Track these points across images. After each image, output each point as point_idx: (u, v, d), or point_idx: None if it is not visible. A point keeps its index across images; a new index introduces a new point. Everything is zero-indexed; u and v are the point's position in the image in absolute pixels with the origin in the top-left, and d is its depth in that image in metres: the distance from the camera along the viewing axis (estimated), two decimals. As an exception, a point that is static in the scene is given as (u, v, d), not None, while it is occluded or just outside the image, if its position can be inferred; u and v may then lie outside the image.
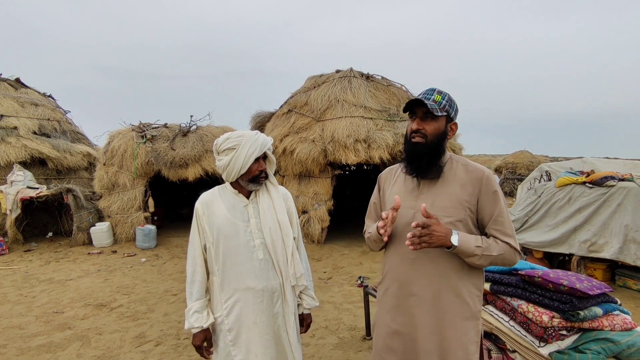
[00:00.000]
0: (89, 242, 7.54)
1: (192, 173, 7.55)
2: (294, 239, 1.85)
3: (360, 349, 3.39)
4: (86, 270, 6.02)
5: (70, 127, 9.64)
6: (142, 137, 7.71)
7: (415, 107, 1.54)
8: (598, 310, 1.88)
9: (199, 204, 1.81)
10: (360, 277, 5.41)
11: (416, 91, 8.25)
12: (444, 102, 1.52)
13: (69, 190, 7.45)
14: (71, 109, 10.14)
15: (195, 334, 1.76)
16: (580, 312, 1.82)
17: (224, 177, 1.80)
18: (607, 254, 4.55)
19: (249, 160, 1.72)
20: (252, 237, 1.77)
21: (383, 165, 7.05)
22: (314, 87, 7.99)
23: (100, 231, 7.42)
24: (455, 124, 1.60)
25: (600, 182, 4.78)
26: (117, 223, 7.63)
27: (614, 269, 4.82)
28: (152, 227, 7.34)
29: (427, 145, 1.52)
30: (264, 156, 1.81)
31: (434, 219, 1.43)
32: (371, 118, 7.13)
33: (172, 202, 10.17)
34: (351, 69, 8.16)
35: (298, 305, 1.90)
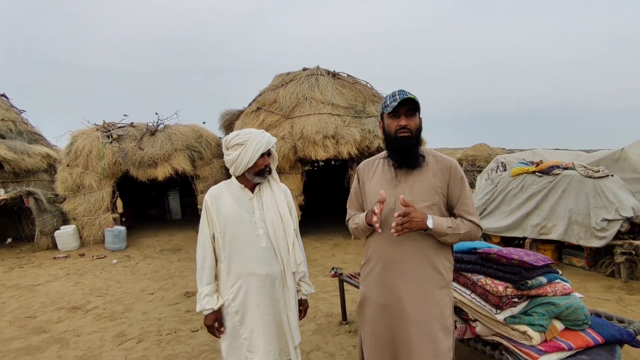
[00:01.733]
0: (54, 246, 7.30)
1: (161, 172, 7.48)
2: (294, 230, 2.04)
3: (338, 333, 3.62)
4: (54, 275, 5.87)
5: (26, 127, 9.20)
6: (108, 136, 7.53)
7: (399, 106, 1.74)
8: (543, 279, 2.19)
9: (208, 197, 1.98)
10: (333, 268, 5.65)
11: (381, 88, 8.60)
12: (416, 99, 1.74)
13: (29, 194, 7.17)
14: (25, 109, 9.66)
15: (207, 315, 1.94)
16: (528, 281, 2.12)
17: (231, 170, 1.98)
18: (554, 235, 5.05)
19: (255, 155, 1.90)
20: (256, 227, 1.95)
21: (351, 160, 7.33)
22: (282, 85, 8.11)
23: (66, 234, 7.20)
24: (421, 119, 1.83)
25: (547, 171, 5.28)
26: (83, 225, 7.43)
27: (561, 249, 5.35)
28: (122, 228, 7.22)
29: (413, 138, 1.75)
30: (268, 153, 1.99)
31: (411, 207, 1.65)
32: (339, 115, 7.36)
33: (140, 202, 9.97)
34: (318, 67, 8.35)
35: (297, 291, 2.09)
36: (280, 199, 2.02)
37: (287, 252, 1.98)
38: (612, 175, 5.02)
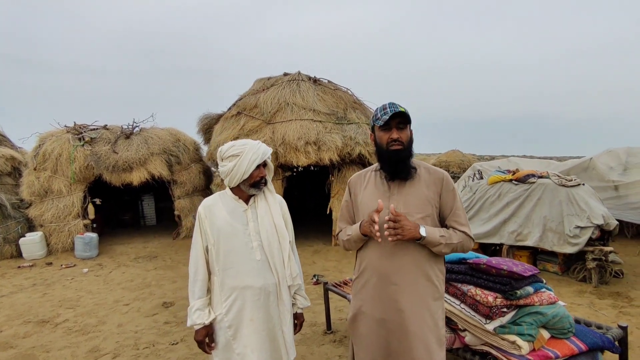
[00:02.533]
0: (18, 254, 6.90)
1: (137, 177, 7.22)
2: (289, 242, 2.00)
3: (322, 343, 3.58)
4: (19, 286, 5.53)
5: (-12, 128, 8.69)
6: (80, 139, 7.21)
7: (390, 120, 1.75)
8: (530, 289, 2.24)
9: (201, 208, 1.94)
10: (315, 275, 5.63)
11: (361, 95, 8.65)
12: (407, 112, 1.76)
13: (-8, 199, 6.75)
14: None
15: (198, 330, 1.88)
16: (517, 291, 2.16)
17: (226, 182, 1.94)
18: (530, 242, 5.21)
19: (251, 167, 1.86)
20: (250, 239, 1.91)
21: (332, 166, 7.33)
22: (263, 90, 8.03)
23: (32, 242, 6.82)
24: (412, 131, 1.85)
25: (523, 180, 5.46)
26: (51, 232, 7.06)
27: (536, 255, 5.53)
28: (94, 235, 6.91)
29: (405, 150, 1.76)
30: (264, 164, 1.96)
31: (402, 216, 1.67)
32: (320, 121, 7.35)
33: (112, 207, 9.59)
34: (299, 73, 8.33)
35: (292, 304, 2.04)
36: (275, 211, 1.98)
37: (282, 265, 1.95)
38: (584, 184, 5.25)
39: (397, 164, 1.76)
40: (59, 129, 7.63)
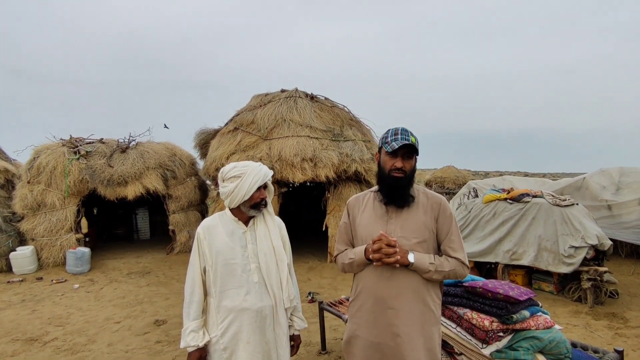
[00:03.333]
0: (8, 269, 6.78)
1: (132, 191, 7.18)
2: (287, 264, 2.01)
3: (317, 364, 3.53)
4: (8, 302, 5.41)
5: (-18, 139, 8.64)
6: (75, 152, 7.18)
7: (399, 149, 1.76)
8: (526, 312, 2.24)
9: (200, 229, 1.94)
10: (310, 293, 5.57)
11: (358, 112, 8.74)
12: (417, 142, 1.79)
13: (-17, 212, 6.66)
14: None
15: (191, 353, 1.87)
16: (513, 315, 2.16)
17: (226, 203, 1.95)
18: (525, 261, 5.22)
19: (252, 188, 1.89)
20: (248, 261, 1.92)
21: (328, 183, 7.35)
22: (260, 106, 8.09)
23: (22, 256, 6.71)
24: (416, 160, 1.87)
25: (518, 199, 5.50)
26: (42, 247, 6.95)
27: (531, 274, 5.52)
28: (86, 250, 6.82)
29: (406, 178, 1.78)
30: (265, 185, 1.98)
31: (394, 242, 1.69)
32: (317, 138, 7.40)
33: (105, 221, 9.50)
34: (296, 89, 8.41)
35: (289, 326, 2.03)
36: (274, 233, 2.00)
37: (279, 287, 1.95)
38: (577, 204, 5.29)
39: (395, 190, 1.78)
40: (54, 142, 7.60)
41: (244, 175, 1.89)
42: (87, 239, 7.57)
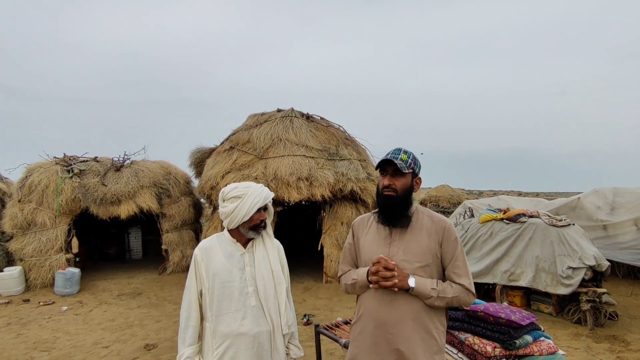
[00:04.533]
0: (-6, 290, 6.57)
1: (125, 210, 7.07)
2: (285, 288, 1.96)
3: (313, 391, 3.40)
4: (-8, 325, 5.22)
5: (-26, 157, 8.54)
6: (69, 171, 7.10)
7: (386, 165, 1.77)
8: (529, 337, 2.18)
9: (197, 251, 1.90)
10: (305, 315, 5.44)
11: (353, 131, 8.80)
12: (409, 160, 1.77)
13: (-29, 231, 6.51)
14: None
15: None
16: (516, 341, 2.10)
17: (225, 223, 1.91)
18: (523, 282, 5.16)
19: (252, 210, 1.86)
20: (246, 284, 1.87)
21: (324, 202, 7.31)
22: (256, 125, 8.11)
23: (10, 277, 6.52)
24: (420, 179, 1.86)
25: (514, 219, 5.49)
26: (31, 267, 6.77)
27: (529, 295, 5.46)
28: (76, 271, 6.65)
29: (397, 197, 1.75)
30: (265, 207, 1.95)
31: (394, 265, 1.67)
32: (312, 157, 7.40)
33: (97, 241, 9.33)
34: (292, 109, 8.47)
35: (286, 354, 1.96)
36: (273, 256, 1.95)
37: (276, 312, 1.89)
38: (574, 224, 5.29)
39: (385, 210, 1.77)
40: (47, 160, 7.52)
41: (245, 196, 1.87)
42: (77, 259, 7.39)
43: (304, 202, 9.30)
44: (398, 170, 1.74)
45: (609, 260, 5.06)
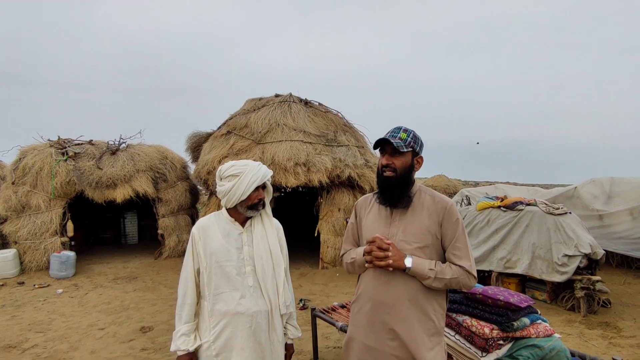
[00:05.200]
0: (-11, 272, 6.53)
1: (120, 194, 7.01)
2: (284, 269, 1.93)
3: (309, 373, 3.42)
4: (-13, 307, 5.20)
5: (-34, 139, 8.41)
6: (63, 154, 7.00)
7: (385, 144, 1.73)
8: (526, 320, 2.18)
9: (195, 229, 1.88)
10: (301, 300, 5.46)
11: (351, 118, 8.73)
12: (409, 139, 1.72)
13: (-36, 213, 6.44)
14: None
15: (181, 357, 1.80)
16: (514, 323, 2.10)
17: (222, 202, 1.88)
18: (519, 269, 5.19)
19: (250, 188, 1.82)
20: (244, 263, 1.85)
21: (321, 188, 7.28)
22: (254, 110, 8.02)
23: (4, 260, 6.48)
24: (421, 158, 1.81)
25: (512, 206, 5.49)
26: (26, 250, 6.73)
27: (524, 282, 5.49)
28: (71, 254, 6.61)
29: (397, 178, 1.71)
30: (263, 186, 1.91)
31: (390, 244, 1.65)
32: (310, 142, 7.35)
33: (92, 225, 9.27)
34: (290, 94, 8.38)
35: (283, 334, 1.95)
36: (271, 235, 1.92)
37: (274, 292, 1.87)
38: (570, 213, 5.30)
39: (385, 190, 1.74)
40: (41, 143, 7.42)
41: (242, 174, 1.83)
42: (72, 243, 7.35)
43: (301, 189, 9.25)
44: (397, 149, 1.70)
45: (604, 250, 5.09)
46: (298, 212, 11.02)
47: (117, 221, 9.69)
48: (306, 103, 8.34)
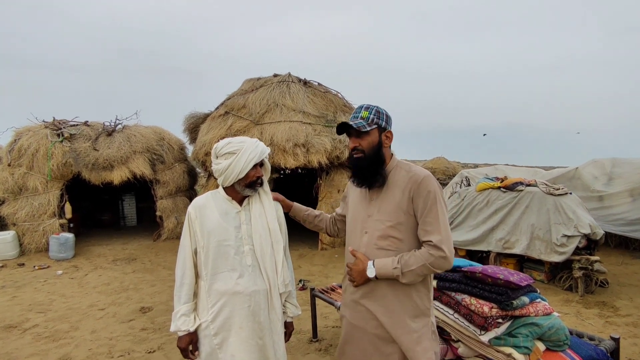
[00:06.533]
0: (-12, 254, 6.55)
1: (117, 176, 6.96)
2: (283, 247, 1.90)
3: (308, 352, 3.45)
4: (-13, 288, 5.22)
5: (-39, 121, 8.30)
6: (59, 135, 6.92)
7: (349, 128, 1.68)
8: (526, 299, 2.16)
9: (191, 208, 1.83)
10: (301, 280, 5.49)
11: (351, 99, 8.59)
12: (371, 116, 1.67)
13: (-39, 195, 6.40)
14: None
15: (181, 337, 1.78)
16: (513, 301, 2.08)
17: (219, 181, 1.83)
18: (518, 250, 5.19)
19: (248, 166, 1.76)
20: (242, 242, 1.81)
21: (321, 169, 7.23)
22: (252, 90, 7.89)
23: (3, 241, 6.49)
24: (390, 132, 1.75)
25: (512, 187, 5.45)
26: (24, 232, 6.73)
27: (522, 263, 5.51)
28: (70, 236, 6.61)
29: (365, 158, 1.67)
30: (261, 163, 1.86)
31: (357, 259, 1.69)
32: (310, 123, 7.26)
33: (90, 207, 9.26)
34: (289, 74, 8.23)
35: (282, 312, 1.93)
36: (270, 214, 1.87)
37: (273, 271, 1.84)
38: (571, 193, 5.27)
39: (357, 172, 1.72)
40: (36, 124, 7.32)
41: (240, 152, 1.76)
42: (71, 225, 7.35)
43: (300, 170, 9.19)
44: (360, 130, 1.66)
45: (603, 231, 5.08)
46: (297, 193, 11.01)
47: (115, 203, 9.68)
48: (305, 83, 8.20)
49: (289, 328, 2.00)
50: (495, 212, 5.48)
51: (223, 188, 1.87)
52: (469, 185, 6.94)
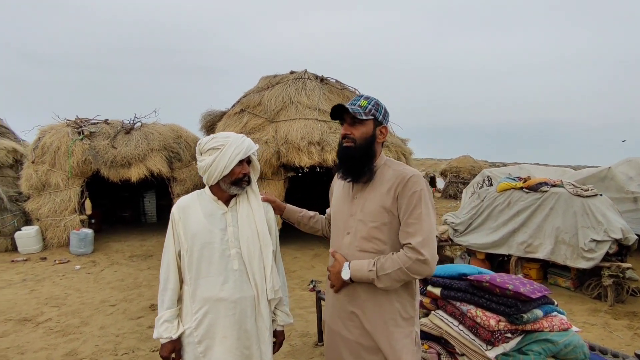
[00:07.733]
0: (13, 248, 6.81)
1: (135, 173, 7.08)
2: (273, 251, 1.80)
3: (312, 357, 3.34)
4: (8, 281, 5.40)
5: (-8, 119, 8.67)
6: (79, 133, 7.10)
7: (344, 114, 1.58)
8: (539, 312, 1.97)
9: (175, 209, 1.74)
10: (312, 281, 5.39)
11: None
12: (369, 106, 1.56)
13: (-12, 191, 6.67)
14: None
15: (164, 344, 1.69)
16: (524, 315, 1.89)
17: (204, 179, 1.74)
18: (541, 254, 4.89)
19: (232, 162, 1.66)
20: (228, 246, 1.71)
21: (336, 168, 7.10)
22: (268, 88, 7.84)
23: (27, 236, 6.72)
24: (385, 128, 1.63)
25: (535, 188, 5.14)
26: (47, 227, 6.95)
27: (547, 268, 5.19)
28: (89, 231, 6.77)
29: (356, 148, 1.56)
30: (249, 160, 1.76)
31: (335, 260, 1.60)
32: (325, 121, 7.13)
33: (111, 204, 9.50)
34: (305, 71, 8.12)
35: (272, 321, 1.83)
36: (259, 216, 1.76)
37: (261, 276, 1.73)
38: (601, 195, 4.91)
39: (343, 162, 1.60)
40: (59, 122, 7.54)
41: (224, 147, 1.67)
42: (92, 221, 7.55)
43: (318, 169, 9.07)
44: (355, 117, 1.54)
45: (637, 235, 4.71)
46: (315, 192, 10.91)
47: (136, 200, 9.89)
48: (322, 80, 8.08)
49: (279, 337, 1.89)
50: (517, 214, 5.19)
51: (209, 187, 1.78)
52: (491, 184, 6.63)
